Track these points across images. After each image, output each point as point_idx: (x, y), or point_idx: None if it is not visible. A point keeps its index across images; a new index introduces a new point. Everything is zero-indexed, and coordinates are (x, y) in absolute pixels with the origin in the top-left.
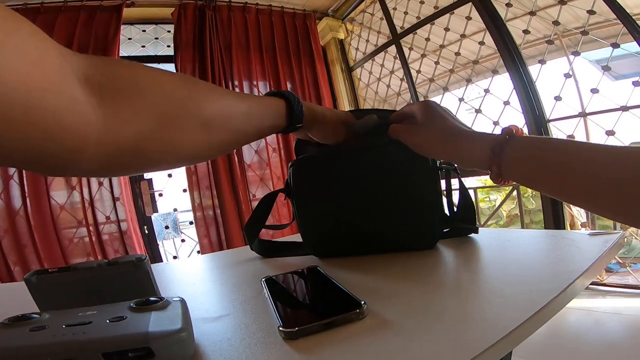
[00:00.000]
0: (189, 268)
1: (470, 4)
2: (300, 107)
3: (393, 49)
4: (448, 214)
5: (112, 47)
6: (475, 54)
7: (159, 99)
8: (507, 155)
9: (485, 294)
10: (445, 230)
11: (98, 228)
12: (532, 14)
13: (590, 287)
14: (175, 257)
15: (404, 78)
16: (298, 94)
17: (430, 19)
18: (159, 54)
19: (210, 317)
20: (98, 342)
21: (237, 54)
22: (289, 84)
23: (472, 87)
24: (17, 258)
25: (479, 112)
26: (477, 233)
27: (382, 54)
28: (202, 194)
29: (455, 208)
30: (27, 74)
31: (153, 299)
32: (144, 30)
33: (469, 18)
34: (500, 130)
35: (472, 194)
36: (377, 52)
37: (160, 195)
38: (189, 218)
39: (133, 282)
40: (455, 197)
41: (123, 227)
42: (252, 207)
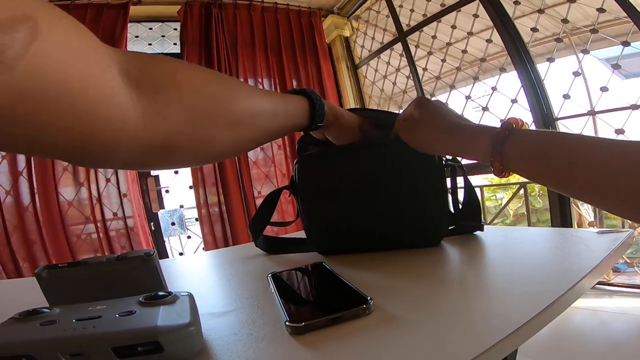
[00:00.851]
0: (195, 264)
1: (478, 2)
2: (322, 106)
3: (399, 47)
4: (453, 211)
5: (119, 44)
6: (483, 52)
7: (194, 96)
8: (507, 150)
9: (491, 292)
10: (451, 228)
11: (105, 224)
12: (540, 12)
13: (597, 286)
14: (181, 253)
15: (410, 76)
16: None
17: (437, 17)
18: (166, 52)
19: (218, 312)
20: (108, 336)
21: (242, 52)
22: (294, 82)
23: (479, 85)
24: (25, 254)
25: (486, 110)
26: (482, 231)
27: (387, 52)
28: (207, 191)
29: (461, 205)
30: (69, 65)
31: (162, 294)
32: (151, 28)
33: (476, 16)
34: (501, 124)
35: (478, 193)
36: (382, 49)
37: (167, 192)
38: (195, 214)
39: (141, 276)
40: (461, 194)
41: (130, 223)
42: (256, 204)
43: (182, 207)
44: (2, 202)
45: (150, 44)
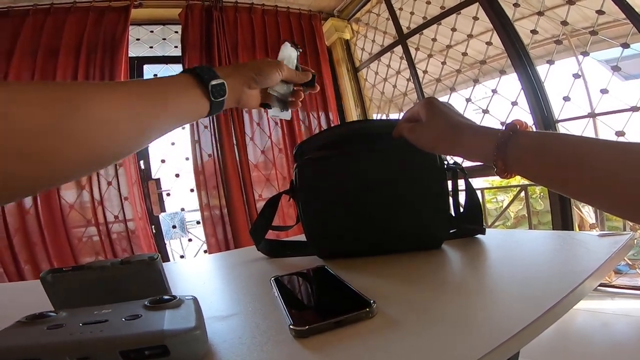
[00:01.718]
0: (198, 267)
1: (477, 4)
2: (222, 87)
3: (399, 49)
4: (455, 215)
5: (120, 47)
6: (483, 54)
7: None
8: (511, 151)
9: (493, 294)
10: (452, 231)
11: (107, 227)
12: (540, 14)
13: (599, 288)
14: (182, 256)
15: (411, 78)
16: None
17: (437, 19)
18: (167, 55)
19: (221, 315)
20: (115, 340)
21: (243, 54)
22: None
23: (479, 87)
24: (27, 256)
25: (487, 112)
26: (483, 234)
27: (388, 55)
28: (209, 194)
29: (462, 208)
30: None
31: (167, 298)
32: (152, 31)
33: (476, 18)
34: (504, 126)
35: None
36: (383, 52)
37: (168, 195)
38: (196, 217)
39: (145, 280)
40: (462, 197)
41: (131, 226)
42: (257, 207)
43: (183, 210)
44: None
45: (152, 47)
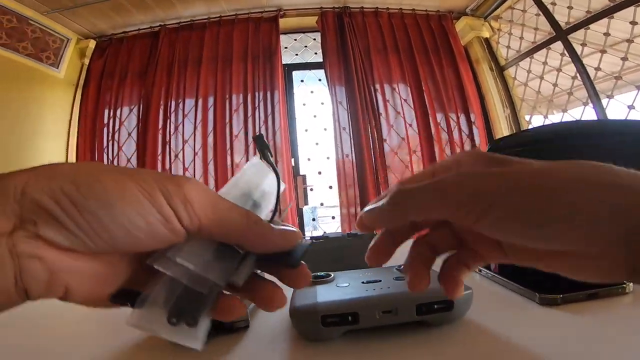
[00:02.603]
0: None
1: None
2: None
3: (558, 46)
4: None
5: (275, 55)
6: None
7: None
8: None
9: None
10: None
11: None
12: None
13: None
14: None
15: (577, 75)
16: (441, 96)
17: (608, 13)
18: (309, 61)
19: None
20: (414, 295)
21: (376, 58)
22: (431, 86)
23: None
24: None
25: None
26: None
27: (543, 51)
28: (347, 192)
29: None
30: None
31: None
32: (295, 40)
33: None
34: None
35: None
36: (537, 49)
37: (311, 190)
38: (331, 213)
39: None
40: None
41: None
42: None
43: (322, 204)
44: None
45: (297, 54)
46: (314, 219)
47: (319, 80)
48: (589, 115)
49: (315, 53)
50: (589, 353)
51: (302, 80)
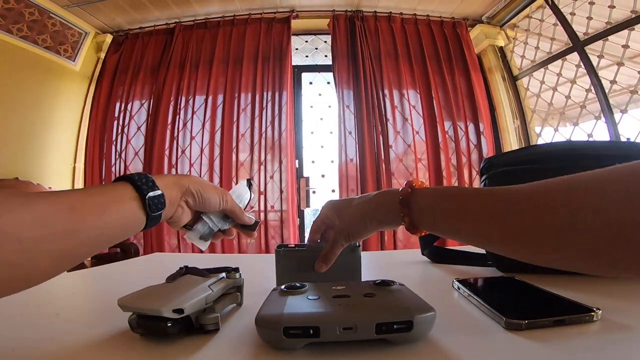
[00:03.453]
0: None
1: None
2: (147, 178)
3: (574, 57)
4: None
5: (286, 56)
6: None
7: None
8: (414, 205)
9: None
10: None
11: (266, 215)
12: None
13: None
14: None
15: (591, 88)
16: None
17: (629, 24)
18: (318, 64)
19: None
20: (374, 314)
21: (386, 63)
22: (441, 94)
23: None
24: None
25: None
26: None
27: (558, 62)
28: (348, 196)
29: None
30: None
31: (387, 280)
32: (307, 41)
33: None
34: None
35: None
36: (552, 59)
37: (314, 192)
38: None
39: (347, 263)
40: None
41: (283, 216)
42: None
43: None
44: None
45: (307, 56)
46: None
47: (328, 83)
48: (600, 130)
49: (326, 55)
50: None
51: (310, 82)
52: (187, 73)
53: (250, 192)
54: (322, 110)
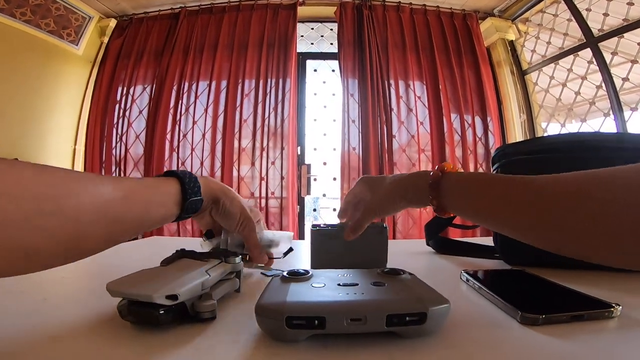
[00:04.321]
0: None
1: None
2: (197, 188)
3: (586, 53)
4: None
5: (291, 43)
6: None
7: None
8: (443, 189)
9: None
10: None
11: (267, 201)
12: None
13: None
14: None
15: (602, 85)
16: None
17: None
18: (324, 51)
19: None
20: (386, 305)
21: (393, 54)
22: (448, 86)
23: None
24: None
25: None
26: None
27: (569, 58)
28: (350, 185)
29: None
30: None
31: (397, 269)
32: (312, 29)
33: None
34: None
35: None
36: (563, 55)
37: (315, 180)
38: (333, 205)
39: (374, 245)
40: None
41: (283, 203)
42: None
43: (324, 195)
44: (200, 172)
45: (312, 44)
46: (315, 209)
47: (332, 71)
48: (608, 127)
49: (331, 43)
50: None
51: (315, 70)
52: (191, 58)
53: (289, 248)
54: (325, 98)
